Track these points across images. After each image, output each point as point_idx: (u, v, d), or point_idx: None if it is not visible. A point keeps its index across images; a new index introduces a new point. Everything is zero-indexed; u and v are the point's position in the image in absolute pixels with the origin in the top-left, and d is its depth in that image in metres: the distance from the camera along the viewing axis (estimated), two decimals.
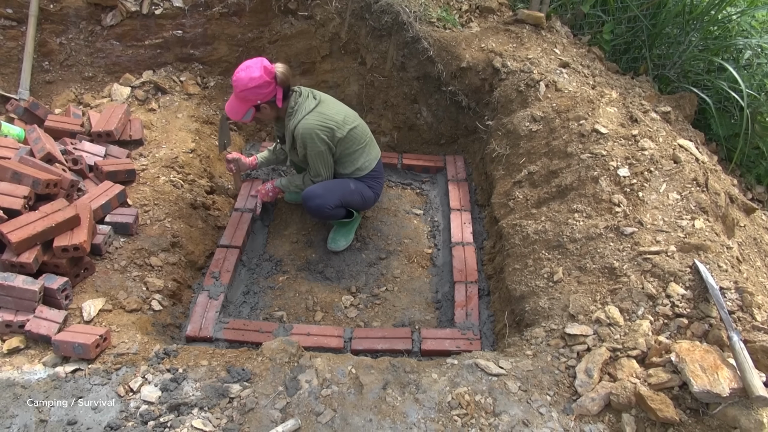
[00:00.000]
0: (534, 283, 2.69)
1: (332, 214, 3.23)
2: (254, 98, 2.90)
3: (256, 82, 2.83)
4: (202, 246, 3.28)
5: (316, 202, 3.14)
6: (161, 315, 2.76)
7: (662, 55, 4.18)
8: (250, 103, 2.93)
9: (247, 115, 2.99)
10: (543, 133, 3.28)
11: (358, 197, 3.29)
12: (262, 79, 2.84)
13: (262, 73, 2.84)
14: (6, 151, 2.84)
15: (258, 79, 2.83)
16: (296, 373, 2.22)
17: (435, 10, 4.02)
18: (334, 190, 3.19)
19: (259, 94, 2.88)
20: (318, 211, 3.18)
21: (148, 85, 3.87)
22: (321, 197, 3.14)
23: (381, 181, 3.45)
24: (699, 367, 1.91)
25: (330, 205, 3.15)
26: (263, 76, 2.84)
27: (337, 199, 3.17)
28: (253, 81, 2.83)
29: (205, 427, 2.02)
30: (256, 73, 2.83)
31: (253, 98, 2.90)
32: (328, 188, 3.18)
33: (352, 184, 3.27)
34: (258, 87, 2.85)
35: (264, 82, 2.85)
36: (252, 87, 2.85)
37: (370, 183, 3.35)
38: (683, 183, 2.70)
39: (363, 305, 3.14)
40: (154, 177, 3.25)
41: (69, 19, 3.77)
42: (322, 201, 3.13)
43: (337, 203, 3.19)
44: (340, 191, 3.20)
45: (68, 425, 2.04)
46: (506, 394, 2.13)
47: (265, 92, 2.89)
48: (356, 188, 3.27)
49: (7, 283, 2.33)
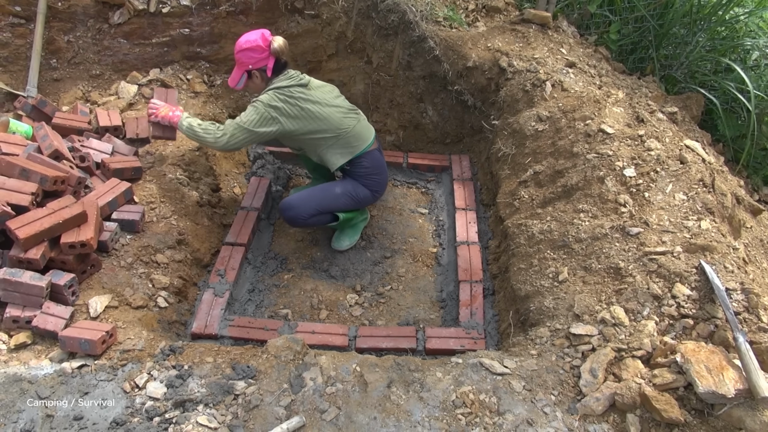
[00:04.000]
0: (539, 283, 2.69)
1: (310, 222, 3.19)
2: (246, 61, 3.03)
3: (249, 44, 2.99)
4: (208, 243, 3.29)
5: (289, 214, 3.13)
6: (167, 312, 2.77)
7: (669, 55, 4.16)
8: (244, 67, 3.06)
9: (240, 82, 3.12)
10: (549, 132, 3.28)
11: (346, 200, 3.23)
12: (256, 43, 2.98)
13: (258, 38, 3.00)
14: (14, 148, 2.85)
15: (252, 42, 2.99)
16: (301, 371, 2.23)
17: (441, 9, 4.02)
18: (311, 199, 3.16)
19: (251, 57, 3.01)
20: (293, 222, 3.18)
21: (155, 83, 3.88)
22: (294, 209, 3.12)
23: (377, 178, 3.32)
24: (704, 367, 1.91)
25: (304, 215, 3.13)
26: (257, 41, 2.99)
27: (312, 208, 3.14)
28: (248, 42, 3.00)
29: (210, 423, 2.03)
30: (252, 37, 3.00)
31: (246, 61, 3.03)
32: (304, 198, 3.16)
33: (338, 188, 3.22)
34: (250, 50, 2.99)
35: (257, 46, 2.98)
36: (245, 48, 3.00)
37: (364, 181, 3.27)
38: (690, 183, 2.69)
39: (368, 304, 3.14)
40: (160, 174, 3.26)
41: (77, 17, 3.79)
42: (295, 212, 3.12)
43: (313, 212, 3.15)
44: (317, 199, 3.17)
45: (74, 420, 2.05)
46: (510, 394, 2.13)
47: (256, 57, 3.01)
48: (344, 191, 3.21)
49: (14, 279, 2.34)
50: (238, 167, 3.96)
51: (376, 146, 3.36)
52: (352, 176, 3.28)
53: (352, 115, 3.23)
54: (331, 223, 3.31)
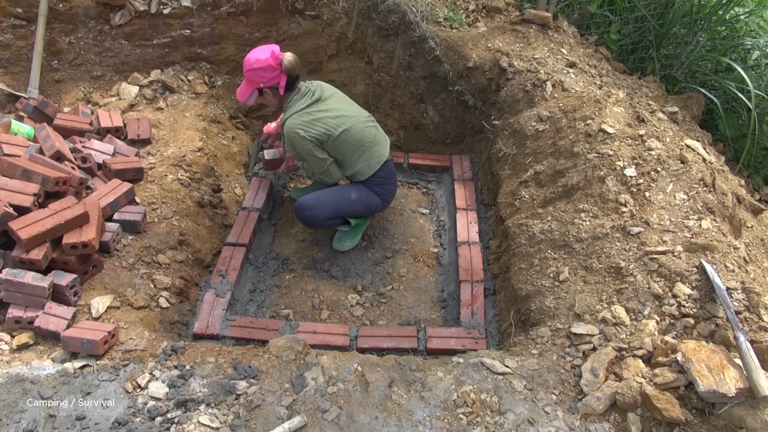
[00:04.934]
0: (540, 283, 2.69)
1: (325, 224, 3.24)
2: (257, 80, 3.01)
3: (260, 63, 2.96)
4: (209, 244, 3.30)
5: (306, 214, 3.17)
6: (168, 312, 2.77)
7: (669, 55, 4.16)
8: (254, 85, 3.05)
9: (251, 98, 3.11)
10: (549, 132, 3.28)
11: (359, 207, 3.25)
12: (267, 63, 2.95)
13: (269, 57, 2.95)
14: (16, 149, 2.86)
15: (263, 62, 2.95)
16: (302, 371, 2.23)
17: (442, 9, 4.02)
18: (328, 201, 3.18)
19: (262, 76, 2.99)
20: (308, 223, 3.21)
21: (156, 84, 3.89)
22: (311, 209, 3.15)
23: (390, 188, 3.36)
24: (705, 366, 1.91)
25: (320, 217, 3.16)
26: (269, 60, 2.95)
27: (328, 211, 3.17)
28: (259, 62, 2.96)
29: (212, 423, 2.03)
30: (263, 56, 2.97)
31: (257, 80, 3.02)
32: (322, 199, 3.18)
33: (354, 194, 3.23)
34: (262, 69, 2.97)
35: (268, 66, 2.96)
36: (256, 68, 2.97)
37: (377, 189, 3.29)
38: (690, 183, 2.70)
39: (369, 304, 3.15)
40: (161, 175, 3.27)
41: (78, 19, 3.80)
42: (312, 213, 3.15)
43: (329, 215, 3.18)
44: (334, 203, 3.19)
45: (76, 420, 2.05)
46: (512, 393, 2.13)
47: (268, 76, 2.99)
48: (358, 198, 3.23)
49: (16, 280, 2.35)
50: (240, 168, 3.96)
51: (391, 156, 3.37)
52: (366, 184, 3.28)
53: (370, 123, 3.25)
54: (341, 227, 3.36)
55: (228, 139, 3.94)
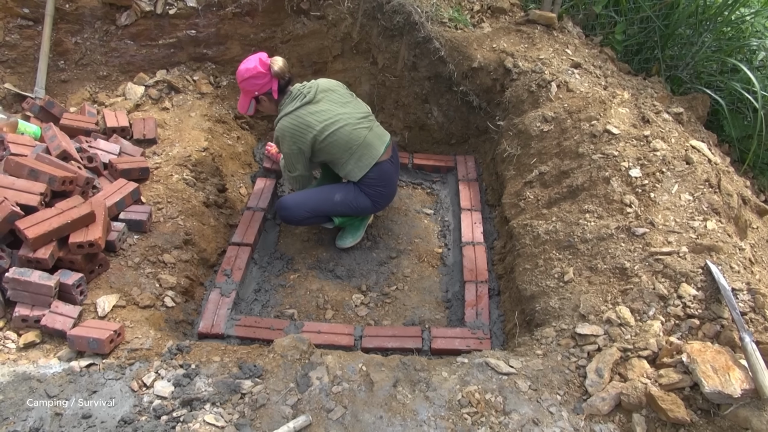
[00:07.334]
0: (544, 283, 2.69)
1: (304, 223, 3.32)
2: (251, 89, 3.09)
3: (250, 72, 3.04)
4: (215, 244, 3.31)
5: (283, 214, 3.25)
6: (174, 311, 2.78)
7: (675, 55, 4.15)
8: (250, 94, 3.13)
9: (250, 108, 3.18)
10: (554, 133, 3.28)
11: (343, 208, 3.25)
12: (256, 70, 3.02)
13: (257, 65, 3.02)
14: (23, 149, 2.88)
15: (252, 70, 3.02)
16: (307, 370, 2.24)
17: (447, 10, 4.02)
18: (307, 202, 3.22)
19: (254, 84, 3.06)
20: (287, 222, 3.30)
21: (162, 84, 3.90)
22: (288, 209, 3.22)
23: (382, 189, 3.26)
24: (710, 367, 1.91)
25: (297, 217, 3.22)
26: (257, 67, 3.02)
27: (305, 212, 3.21)
28: (248, 71, 3.04)
29: (217, 422, 2.04)
30: (251, 64, 3.04)
31: (251, 89, 3.09)
32: (299, 201, 3.22)
33: (338, 195, 3.22)
34: (252, 77, 3.04)
35: (258, 73, 3.02)
36: (247, 77, 3.04)
37: (368, 191, 3.23)
38: (695, 184, 2.69)
39: (373, 304, 3.15)
40: (167, 175, 3.28)
41: (84, 19, 3.82)
42: (288, 213, 3.22)
43: (306, 215, 3.22)
44: (313, 203, 3.22)
45: (83, 419, 2.06)
46: (516, 393, 2.14)
47: (260, 83, 3.06)
48: (343, 200, 3.21)
49: (23, 279, 2.37)
50: (244, 168, 3.97)
51: (387, 157, 3.28)
52: (358, 184, 3.25)
53: (363, 124, 3.18)
54: (327, 224, 3.44)
55: (233, 139, 3.95)
